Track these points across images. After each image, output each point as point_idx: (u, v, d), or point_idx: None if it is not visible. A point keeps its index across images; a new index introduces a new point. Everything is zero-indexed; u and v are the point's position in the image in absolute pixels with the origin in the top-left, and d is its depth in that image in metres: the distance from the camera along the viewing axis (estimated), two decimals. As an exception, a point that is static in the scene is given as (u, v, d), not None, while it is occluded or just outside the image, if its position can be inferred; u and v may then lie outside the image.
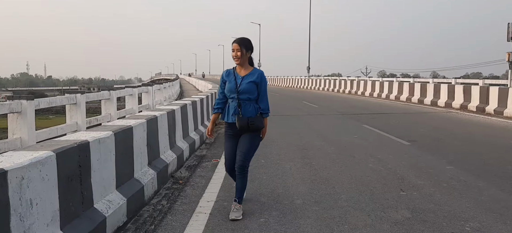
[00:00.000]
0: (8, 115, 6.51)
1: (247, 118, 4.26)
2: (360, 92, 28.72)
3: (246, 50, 4.33)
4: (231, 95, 4.32)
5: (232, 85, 4.30)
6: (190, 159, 7.27)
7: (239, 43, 4.31)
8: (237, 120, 4.26)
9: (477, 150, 8.19)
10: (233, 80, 4.31)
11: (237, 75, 4.34)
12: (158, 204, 4.77)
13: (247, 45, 4.35)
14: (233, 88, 4.30)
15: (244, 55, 4.31)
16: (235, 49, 4.31)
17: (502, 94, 14.97)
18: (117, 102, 11.15)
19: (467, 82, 29.98)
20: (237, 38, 4.36)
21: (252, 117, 4.27)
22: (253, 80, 4.30)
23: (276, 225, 4.06)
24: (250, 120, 4.26)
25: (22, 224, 2.64)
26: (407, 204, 4.72)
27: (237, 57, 4.30)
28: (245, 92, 4.27)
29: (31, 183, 2.74)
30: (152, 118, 5.52)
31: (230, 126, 4.38)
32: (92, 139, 3.71)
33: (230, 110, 4.34)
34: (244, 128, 4.25)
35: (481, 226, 4.09)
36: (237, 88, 4.27)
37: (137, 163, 4.83)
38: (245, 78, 4.30)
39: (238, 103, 4.28)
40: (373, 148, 8.23)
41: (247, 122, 4.25)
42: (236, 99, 4.29)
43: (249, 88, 4.27)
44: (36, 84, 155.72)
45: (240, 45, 4.30)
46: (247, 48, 4.33)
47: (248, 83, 4.28)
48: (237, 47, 4.30)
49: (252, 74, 4.34)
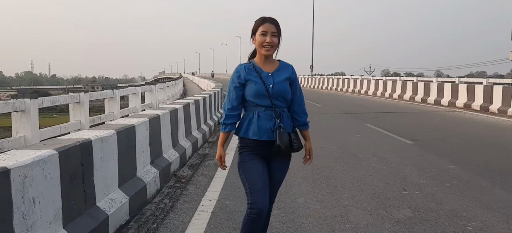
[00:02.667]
0: (12, 114, 6.55)
1: (288, 134, 2.89)
2: (364, 91, 28.66)
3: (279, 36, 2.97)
4: (260, 101, 2.89)
5: (260, 86, 2.89)
6: (193, 158, 7.29)
7: (277, 25, 2.93)
8: (279, 138, 2.84)
9: (480, 149, 8.16)
10: (259, 79, 2.90)
11: (262, 72, 2.93)
12: (160, 202, 4.79)
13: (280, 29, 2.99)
14: (262, 91, 2.88)
15: (279, 43, 2.96)
16: (269, 32, 2.89)
17: (506, 93, 14.90)
18: (120, 101, 11.18)
19: (471, 81, 29.92)
20: (270, 17, 2.96)
21: (292, 133, 2.95)
22: (287, 76, 2.97)
23: (278, 224, 4.07)
24: (293, 136, 2.92)
25: (24, 222, 2.66)
26: (409, 203, 4.71)
27: (271, 45, 2.89)
28: (280, 96, 2.92)
29: (34, 181, 2.76)
30: (154, 117, 5.53)
31: (257, 145, 2.90)
32: (95, 137, 3.73)
33: (261, 124, 2.88)
34: (285, 149, 2.86)
35: (483, 225, 4.08)
36: (269, 90, 2.90)
37: (140, 161, 4.85)
38: (277, 76, 2.94)
39: (275, 113, 2.89)
40: (375, 147, 8.22)
41: (290, 140, 2.89)
42: (270, 107, 2.89)
43: (284, 89, 2.93)
44: (40, 83, 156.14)
45: (277, 28, 2.92)
46: (280, 32, 2.98)
47: (282, 82, 2.93)
48: (273, 29, 2.90)
49: (284, 69, 2.99)
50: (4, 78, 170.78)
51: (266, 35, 2.88)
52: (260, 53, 2.93)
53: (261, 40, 2.89)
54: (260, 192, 2.81)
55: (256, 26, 2.91)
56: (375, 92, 26.58)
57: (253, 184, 2.83)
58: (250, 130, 2.89)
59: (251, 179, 2.85)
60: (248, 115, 2.93)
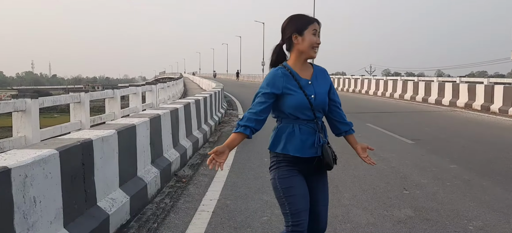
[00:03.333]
0: (13, 113, 6.55)
1: (330, 148, 2.58)
2: (364, 91, 28.65)
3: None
4: (301, 114, 2.51)
5: (301, 98, 2.49)
6: (194, 158, 7.29)
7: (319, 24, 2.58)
8: (325, 154, 2.53)
9: (481, 149, 8.15)
10: (299, 89, 2.50)
11: (301, 79, 2.54)
12: (161, 202, 4.79)
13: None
14: (304, 103, 2.50)
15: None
16: (317, 31, 2.55)
17: (507, 93, 14.89)
18: (121, 101, 11.19)
19: (472, 81, 29.89)
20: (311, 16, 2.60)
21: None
22: (328, 85, 2.63)
23: (279, 224, 4.06)
24: (333, 149, 2.60)
25: (25, 222, 2.66)
26: (410, 203, 4.71)
27: (318, 45, 2.57)
28: (321, 107, 2.57)
29: (34, 180, 2.76)
30: (155, 117, 5.53)
31: (297, 162, 2.53)
32: (96, 137, 3.73)
33: (304, 139, 2.51)
34: (329, 165, 2.56)
35: (485, 225, 4.08)
36: (311, 101, 2.52)
37: (140, 161, 4.85)
38: (316, 84, 2.57)
39: (318, 126, 2.55)
40: (376, 146, 8.18)
41: (333, 157, 2.58)
42: (313, 120, 2.53)
43: (324, 99, 2.58)
44: (41, 83, 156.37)
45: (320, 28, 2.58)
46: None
47: (324, 93, 2.58)
48: (318, 29, 2.56)
49: (321, 75, 2.63)
50: (5, 78, 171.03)
51: (315, 36, 2.53)
52: (306, 56, 2.55)
53: (313, 40, 2.51)
54: (303, 213, 2.49)
55: (305, 24, 2.53)
56: (375, 92, 26.57)
57: (296, 204, 2.48)
58: (291, 145, 2.50)
59: (292, 199, 2.49)
60: (286, 129, 2.52)
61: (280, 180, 2.52)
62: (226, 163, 6.74)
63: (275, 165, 2.55)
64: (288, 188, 2.50)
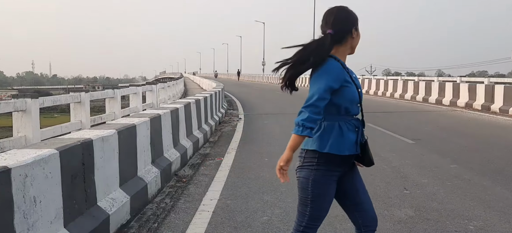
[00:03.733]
0: (13, 113, 6.56)
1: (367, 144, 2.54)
2: (365, 91, 28.61)
3: None
4: (353, 109, 2.43)
5: (354, 91, 2.42)
6: (194, 157, 7.29)
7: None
8: (368, 150, 2.51)
9: (481, 149, 8.15)
10: (352, 83, 2.42)
11: (352, 72, 2.49)
12: (161, 202, 4.79)
13: None
14: (356, 97, 2.43)
15: None
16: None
17: (507, 93, 14.88)
18: (121, 101, 11.20)
19: (473, 80, 29.88)
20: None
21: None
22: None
23: (279, 224, 4.06)
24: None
25: (25, 221, 2.66)
26: (411, 203, 4.71)
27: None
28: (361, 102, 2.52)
29: (34, 180, 2.76)
30: (155, 116, 5.53)
31: (340, 162, 2.42)
32: (96, 137, 3.73)
33: (351, 136, 2.41)
34: (371, 161, 2.56)
35: (485, 224, 4.07)
36: (360, 95, 2.48)
37: (141, 161, 4.85)
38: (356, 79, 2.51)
39: (361, 122, 2.49)
40: (376, 146, 8.20)
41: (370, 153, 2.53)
42: (356, 116, 2.49)
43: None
44: (41, 83, 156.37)
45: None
46: None
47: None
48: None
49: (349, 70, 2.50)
50: (5, 78, 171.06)
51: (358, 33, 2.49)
52: (351, 52, 2.48)
53: (359, 36, 2.47)
54: (321, 220, 2.47)
55: (356, 20, 2.47)
56: (376, 92, 26.56)
57: (319, 211, 2.43)
58: (345, 144, 2.37)
59: (319, 205, 2.42)
60: (333, 126, 2.37)
61: (314, 184, 2.40)
62: (226, 163, 6.75)
63: (311, 165, 2.41)
64: (319, 195, 2.40)
